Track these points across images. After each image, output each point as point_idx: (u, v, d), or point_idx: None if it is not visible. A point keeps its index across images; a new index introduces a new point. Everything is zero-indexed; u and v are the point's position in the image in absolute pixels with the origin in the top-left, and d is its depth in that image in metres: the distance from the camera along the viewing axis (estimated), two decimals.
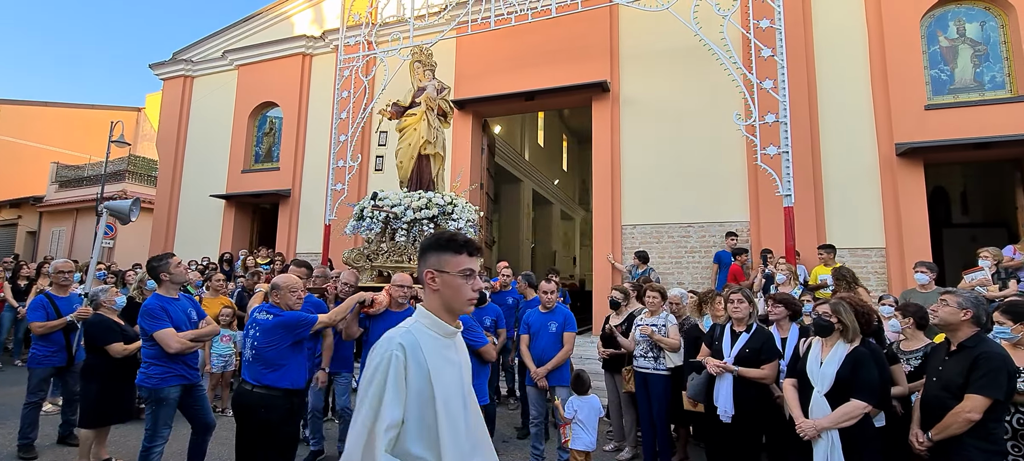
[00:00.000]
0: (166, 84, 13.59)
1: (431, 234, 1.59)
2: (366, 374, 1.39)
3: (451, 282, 1.49)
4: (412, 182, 7.08)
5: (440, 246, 1.52)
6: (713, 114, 8.33)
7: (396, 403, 1.33)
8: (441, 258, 1.51)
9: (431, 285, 1.51)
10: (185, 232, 12.64)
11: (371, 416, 1.32)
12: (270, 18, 12.67)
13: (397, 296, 3.85)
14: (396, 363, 1.35)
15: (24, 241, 18.86)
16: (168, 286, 3.64)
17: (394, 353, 1.36)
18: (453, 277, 1.49)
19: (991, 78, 7.47)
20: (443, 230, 1.51)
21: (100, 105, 22.93)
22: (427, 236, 1.61)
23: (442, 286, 1.50)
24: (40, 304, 4.55)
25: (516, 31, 8.88)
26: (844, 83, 7.96)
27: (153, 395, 3.43)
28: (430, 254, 1.53)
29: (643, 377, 4.35)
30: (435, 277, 1.50)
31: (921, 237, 7.25)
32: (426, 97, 7.07)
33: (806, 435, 2.87)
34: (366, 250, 6.93)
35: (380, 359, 1.37)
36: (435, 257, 1.51)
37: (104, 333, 3.89)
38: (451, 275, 1.49)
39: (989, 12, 7.59)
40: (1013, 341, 2.92)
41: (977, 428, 2.55)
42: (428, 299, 1.53)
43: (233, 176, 12.17)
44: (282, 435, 3.14)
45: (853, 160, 7.76)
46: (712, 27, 7.05)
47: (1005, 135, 7.01)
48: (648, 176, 8.80)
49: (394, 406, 1.33)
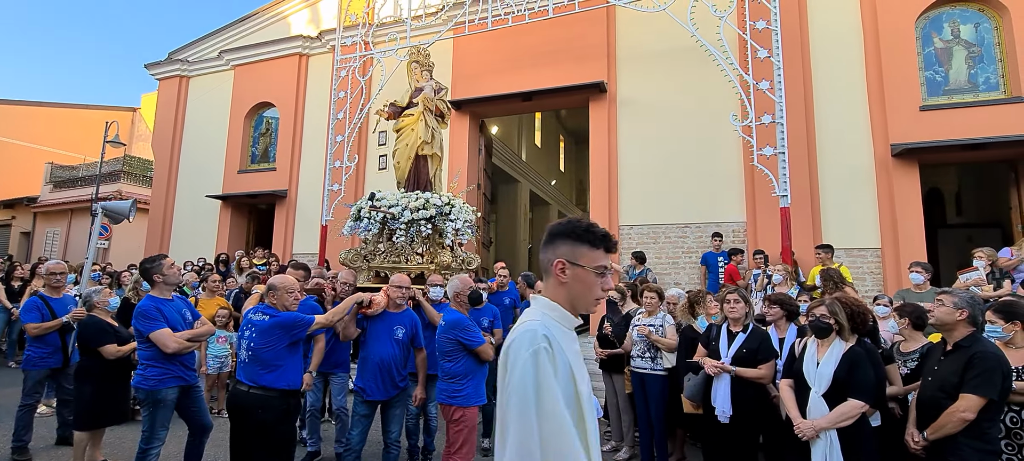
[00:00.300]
0: (162, 84, 13.53)
1: (565, 220, 1.45)
2: (513, 376, 1.25)
3: (583, 277, 1.38)
4: (409, 182, 7.07)
5: (576, 235, 1.39)
6: (710, 115, 8.35)
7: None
8: (576, 249, 1.38)
9: (559, 276, 1.38)
10: (181, 233, 12.59)
11: (530, 419, 1.20)
12: (266, 18, 12.63)
13: (395, 297, 3.84)
14: (546, 356, 1.24)
15: (18, 242, 18.75)
16: (161, 287, 3.62)
17: (541, 346, 1.24)
18: (586, 272, 1.37)
19: (985, 79, 7.52)
20: (579, 218, 1.36)
21: (95, 105, 22.82)
22: (560, 221, 1.44)
23: (572, 279, 1.38)
24: (34, 306, 4.52)
25: (513, 32, 8.88)
26: (840, 84, 8.00)
27: (151, 397, 3.41)
28: (562, 242, 1.40)
29: (640, 377, 4.36)
30: (566, 268, 1.38)
31: (916, 237, 7.29)
32: (424, 97, 7.06)
33: (805, 436, 2.87)
34: (363, 251, 6.92)
35: (528, 354, 1.24)
36: (569, 247, 1.39)
37: (97, 335, 3.86)
38: (585, 269, 1.37)
39: (983, 14, 7.64)
40: (1004, 340, 2.94)
41: (972, 427, 2.56)
42: (553, 291, 1.41)
43: (229, 177, 12.13)
44: (279, 436, 3.13)
45: (849, 161, 7.79)
46: (709, 28, 7.08)
47: (999, 136, 7.06)
48: (645, 177, 8.82)
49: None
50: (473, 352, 3.53)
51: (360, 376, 3.78)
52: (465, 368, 3.52)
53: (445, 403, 3.53)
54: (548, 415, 1.20)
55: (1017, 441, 2.80)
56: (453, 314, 3.66)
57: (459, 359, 3.52)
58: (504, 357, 1.31)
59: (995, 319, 2.97)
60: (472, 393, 3.53)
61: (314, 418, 4.57)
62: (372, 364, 3.71)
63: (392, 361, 3.73)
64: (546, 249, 1.44)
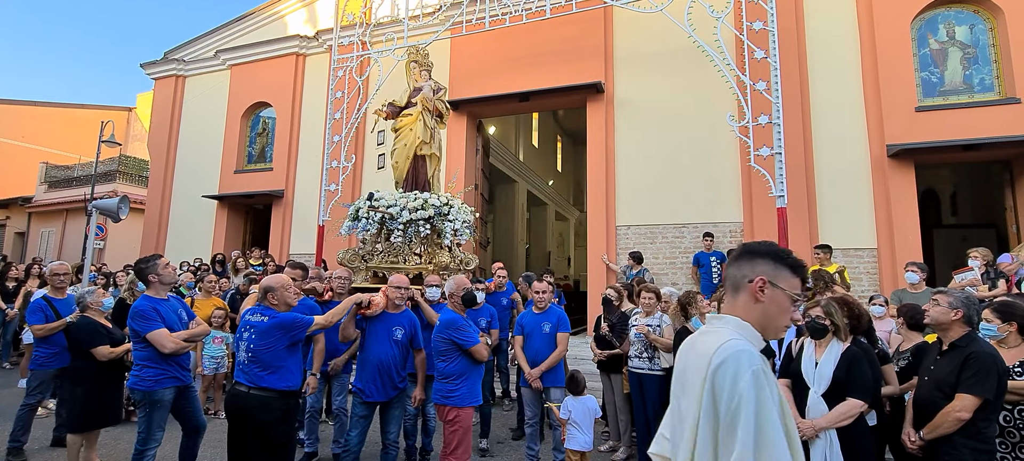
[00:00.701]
0: (158, 84, 13.46)
1: (763, 242, 1.44)
2: (733, 398, 1.18)
3: (781, 301, 1.36)
4: (408, 182, 7.06)
5: (779, 258, 1.38)
6: (707, 115, 8.37)
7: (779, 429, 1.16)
8: (779, 272, 1.37)
9: (758, 296, 1.36)
10: (177, 233, 12.53)
11: (751, 446, 1.14)
12: (263, 18, 12.59)
13: (394, 297, 3.83)
14: (764, 380, 1.17)
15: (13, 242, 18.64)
16: (157, 287, 3.60)
17: (759, 368, 1.19)
18: (785, 296, 1.35)
19: (980, 80, 7.57)
20: (775, 243, 1.31)
21: (90, 105, 22.73)
22: (759, 242, 1.45)
23: (769, 300, 1.35)
24: (38, 307, 4.52)
25: (511, 32, 8.88)
26: (836, 85, 8.03)
27: (147, 398, 3.39)
28: (765, 262, 1.38)
29: (638, 377, 4.36)
30: (765, 288, 1.35)
31: (912, 238, 7.33)
32: (422, 97, 7.06)
33: (805, 436, 2.88)
34: (361, 251, 6.91)
35: (749, 375, 1.18)
36: (772, 268, 1.37)
37: (90, 336, 3.82)
38: (784, 293, 1.35)
39: (978, 15, 7.69)
40: (998, 339, 2.96)
41: (968, 427, 2.57)
42: (747, 310, 1.37)
43: (226, 176, 12.08)
44: (278, 437, 3.11)
45: (845, 161, 7.83)
46: (706, 29, 7.09)
47: (994, 137, 7.10)
48: (642, 177, 8.84)
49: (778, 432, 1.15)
50: (467, 352, 3.52)
51: (359, 377, 3.76)
52: (460, 368, 3.52)
53: (440, 403, 3.53)
54: (769, 444, 1.15)
55: (1011, 439, 2.81)
56: (449, 314, 3.65)
57: (454, 359, 3.52)
58: (713, 374, 1.23)
59: (992, 318, 2.98)
60: (467, 393, 3.52)
61: (313, 419, 4.56)
62: (371, 365, 3.70)
63: (391, 362, 3.72)
64: (742, 265, 1.42)
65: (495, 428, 5.14)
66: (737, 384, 1.19)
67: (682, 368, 1.41)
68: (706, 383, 1.24)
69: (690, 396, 1.30)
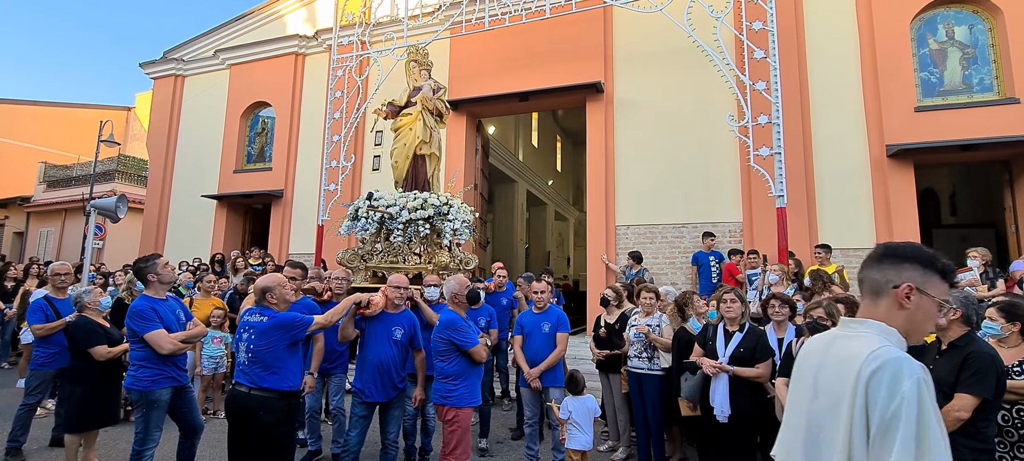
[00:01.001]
0: (157, 83, 13.45)
1: (909, 244, 1.38)
2: (885, 408, 1.15)
3: (929, 308, 1.31)
4: (407, 182, 7.05)
5: (927, 262, 1.32)
6: (706, 115, 8.38)
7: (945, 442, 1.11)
8: (928, 278, 1.31)
9: (904, 301, 1.30)
10: (176, 233, 12.52)
11: (913, 451, 1.10)
12: (262, 17, 12.58)
13: (394, 297, 3.83)
14: (927, 390, 1.13)
15: (11, 242, 18.62)
16: (156, 287, 3.59)
17: (921, 376, 1.15)
18: (933, 304, 1.31)
19: (979, 80, 7.57)
20: (922, 245, 1.40)
21: (89, 104, 22.70)
22: (904, 244, 1.38)
23: (916, 307, 1.30)
24: (39, 306, 4.51)
25: (510, 31, 8.88)
26: (836, 85, 8.03)
27: (144, 398, 3.38)
28: (913, 267, 1.32)
29: (637, 377, 4.36)
30: (912, 295, 1.30)
31: (911, 237, 7.32)
32: (422, 97, 7.05)
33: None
34: (361, 251, 6.90)
35: (912, 381, 1.14)
36: (921, 274, 1.31)
37: (87, 336, 3.82)
38: (932, 301, 1.30)
39: (977, 15, 7.70)
40: (999, 338, 2.95)
41: (967, 427, 2.57)
42: (890, 314, 1.32)
43: (225, 176, 12.07)
44: (279, 438, 3.10)
45: (845, 161, 7.83)
46: (705, 29, 7.09)
47: (993, 137, 7.11)
48: (642, 177, 8.84)
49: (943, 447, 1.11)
50: (465, 353, 3.52)
51: (359, 377, 3.76)
52: (458, 368, 3.51)
53: (439, 403, 3.53)
54: (931, 453, 1.12)
55: (1009, 439, 2.82)
56: (448, 314, 3.65)
57: (453, 359, 3.51)
58: (867, 380, 1.20)
59: (996, 317, 2.97)
60: (466, 393, 3.52)
61: (313, 418, 4.56)
62: (371, 365, 3.69)
63: (391, 362, 3.71)
64: (885, 269, 1.36)
65: (494, 428, 5.14)
66: (896, 390, 1.15)
67: (812, 372, 1.36)
68: (857, 390, 1.21)
69: (829, 401, 1.26)
